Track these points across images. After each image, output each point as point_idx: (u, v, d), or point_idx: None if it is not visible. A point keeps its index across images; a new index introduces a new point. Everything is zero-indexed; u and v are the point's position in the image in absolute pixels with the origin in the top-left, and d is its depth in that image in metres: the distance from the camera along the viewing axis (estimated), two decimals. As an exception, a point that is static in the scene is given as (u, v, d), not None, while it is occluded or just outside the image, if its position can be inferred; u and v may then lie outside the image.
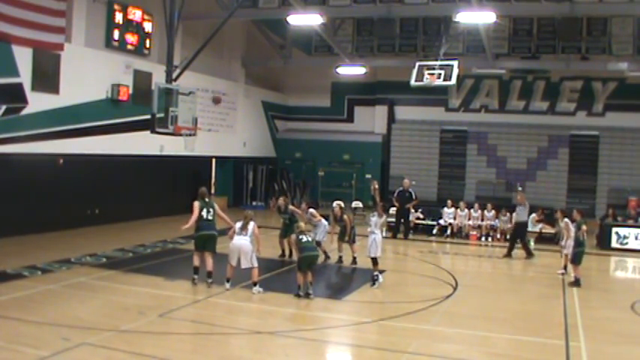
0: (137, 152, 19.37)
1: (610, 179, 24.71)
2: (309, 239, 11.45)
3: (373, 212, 12.75)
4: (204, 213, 11.82)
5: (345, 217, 14.45)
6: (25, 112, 15.59)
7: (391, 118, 28.48)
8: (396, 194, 20.05)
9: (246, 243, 11.28)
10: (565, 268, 14.37)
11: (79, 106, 17.25)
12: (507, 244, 17.24)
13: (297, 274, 11.20)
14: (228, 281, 11.44)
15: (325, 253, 14.50)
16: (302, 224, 12.16)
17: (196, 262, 11.87)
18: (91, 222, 17.98)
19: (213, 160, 25.12)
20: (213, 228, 12.00)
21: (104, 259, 13.70)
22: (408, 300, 11.28)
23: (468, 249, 18.36)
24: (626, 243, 18.39)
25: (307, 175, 28.15)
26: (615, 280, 15.87)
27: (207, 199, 12.10)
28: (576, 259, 13.28)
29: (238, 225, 11.53)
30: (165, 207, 21.36)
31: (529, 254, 16.64)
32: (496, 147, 26.53)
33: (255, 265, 11.34)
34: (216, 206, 12.15)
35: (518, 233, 16.96)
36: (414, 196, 19.81)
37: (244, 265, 11.18)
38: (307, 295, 11.00)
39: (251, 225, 11.50)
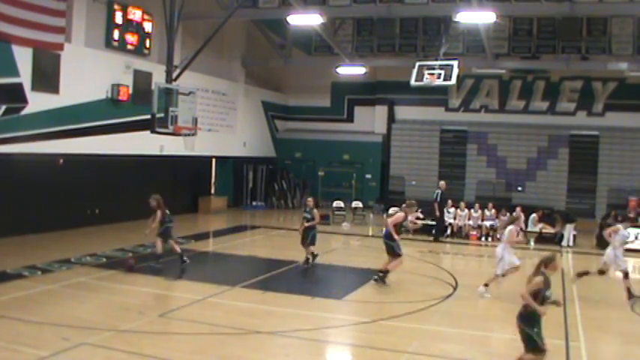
0: (137, 152, 19.37)
1: (610, 179, 24.71)
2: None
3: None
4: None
5: (315, 210, 14.09)
6: (25, 112, 15.59)
7: (391, 118, 28.49)
8: (438, 198, 19.54)
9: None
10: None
11: (79, 106, 17.24)
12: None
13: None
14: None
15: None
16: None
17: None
18: (91, 222, 17.98)
19: (213, 160, 25.12)
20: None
21: (104, 259, 13.71)
22: (408, 300, 11.28)
23: (468, 249, 18.36)
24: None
25: (307, 175, 28.14)
26: (615, 280, 15.83)
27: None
28: None
29: None
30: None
31: None
32: (496, 147, 26.53)
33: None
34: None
35: None
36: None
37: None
38: None
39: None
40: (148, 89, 17.57)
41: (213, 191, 25.23)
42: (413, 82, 18.83)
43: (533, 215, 19.71)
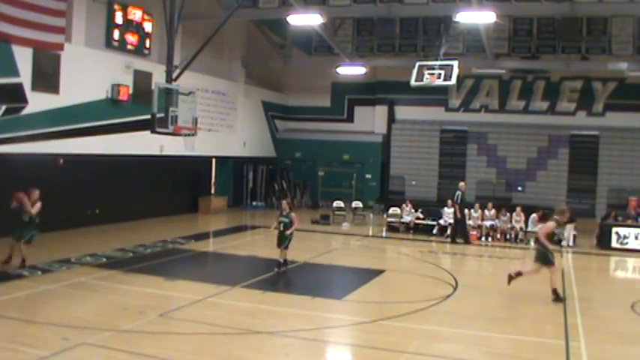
0: (137, 152, 19.36)
1: (610, 179, 24.71)
2: None
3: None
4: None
5: (292, 214, 13.62)
6: (25, 112, 15.57)
7: (391, 118, 28.50)
8: (459, 199, 19.19)
9: None
10: None
11: (79, 106, 17.23)
12: (506, 243, 17.05)
13: None
14: None
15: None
16: None
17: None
18: (91, 222, 17.98)
19: (213, 160, 25.13)
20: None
21: (104, 259, 13.71)
22: (408, 300, 11.28)
23: (468, 249, 18.35)
24: (626, 243, 18.38)
25: (307, 175, 28.15)
26: (615, 280, 15.86)
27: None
28: None
29: None
30: (166, 207, 21.39)
31: None
32: (496, 147, 26.54)
33: None
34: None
35: None
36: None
37: None
38: None
39: None
40: (148, 89, 17.57)
41: (213, 191, 25.24)
42: (413, 82, 18.82)
43: (533, 215, 19.70)
